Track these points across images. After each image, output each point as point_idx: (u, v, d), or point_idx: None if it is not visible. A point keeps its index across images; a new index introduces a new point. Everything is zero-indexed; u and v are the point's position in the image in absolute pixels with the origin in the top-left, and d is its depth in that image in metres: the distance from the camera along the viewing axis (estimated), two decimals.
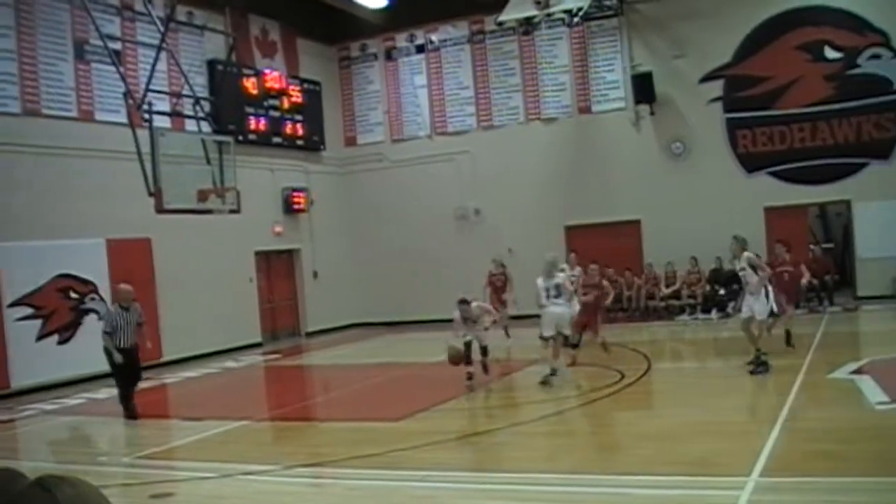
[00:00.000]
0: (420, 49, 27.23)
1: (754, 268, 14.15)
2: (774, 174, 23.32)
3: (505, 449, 10.60)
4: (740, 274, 14.38)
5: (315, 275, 26.21)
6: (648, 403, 13.45)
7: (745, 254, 14.34)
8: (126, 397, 13.84)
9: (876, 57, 22.61)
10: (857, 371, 13.07)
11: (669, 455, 9.23)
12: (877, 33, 22.54)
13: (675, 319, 22.39)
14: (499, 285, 20.71)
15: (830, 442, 9.25)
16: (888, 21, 22.47)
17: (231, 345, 22.48)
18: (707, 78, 23.85)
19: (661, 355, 16.43)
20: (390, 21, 26.13)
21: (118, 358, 13.49)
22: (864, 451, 8.77)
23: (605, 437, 10.81)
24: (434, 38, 26.98)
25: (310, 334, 25.76)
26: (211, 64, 22.72)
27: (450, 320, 15.03)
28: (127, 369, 13.68)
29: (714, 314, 22.37)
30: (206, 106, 17.60)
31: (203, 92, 21.35)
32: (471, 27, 26.56)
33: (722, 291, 22.62)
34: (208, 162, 16.36)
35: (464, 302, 14.69)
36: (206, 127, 16.98)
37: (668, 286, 23.40)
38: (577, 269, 18.05)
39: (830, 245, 23.54)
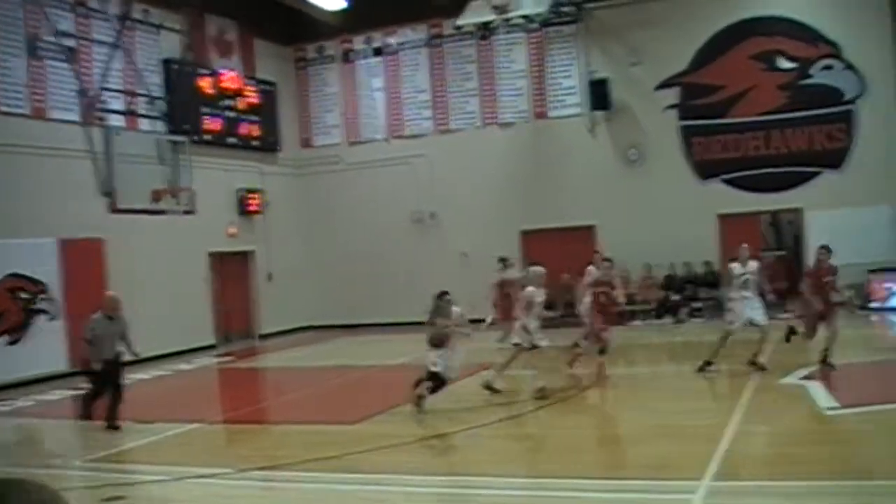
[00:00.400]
0: (377, 52, 27.17)
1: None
2: (728, 181, 23.56)
3: (461, 452, 10.58)
4: (747, 279, 14.43)
5: (270, 277, 26.04)
6: (604, 408, 13.50)
7: (752, 262, 14.54)
8: (91, 398, 13.33)
9: (828, 68, 22.92)
10: (808, 377, 13.21)
11: (624, 459, 9.30)
12: (829, 44, 22.86)
13: (629, 325, 22.48)
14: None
15: (782, 446, 9.39)
16: (840, 32, 22.79)
17: (184, 347, 22.25)
18: (663, 85, 24.05)
19: (616, 360, 16.47)
20: (348, 23, 26.04)
21: (96, 366, 12.95)
22: (814, 454, 8.89)
23: (561, 441, 10.82)
24: (392, 40, 26.94)
25: (264, 336, 25.58)
26: (167, 63, 22.51)
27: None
28: (105, 377, 13.04)
29: (668, 319, 22.52)
30: (161, 105, 17.51)
31: (158, 91, 21.19)
32: (429, 31, 26.56)
33: (676, 297, 22.81)
34: (163, 162, 16.25)
35: (444, 295, 13.57)
36: (160, 126, 16.86)
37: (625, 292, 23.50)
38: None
39: (783, 252, 23.73)
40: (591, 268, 16.57)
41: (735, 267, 14.57)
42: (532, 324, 13.60)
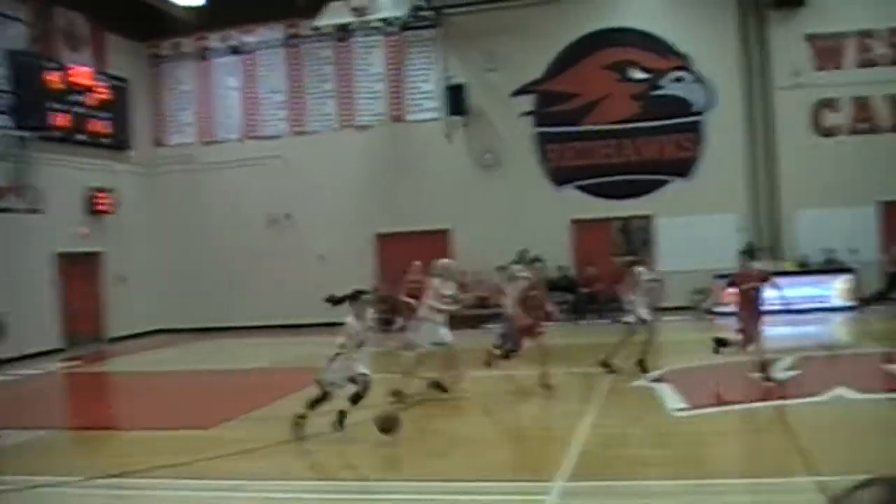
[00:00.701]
0: (234, 50, 26.77)
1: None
2: (581, 188, 24.10)
3: (314, 457, 10.47)
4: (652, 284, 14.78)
5: (120, 278, 25.30)
6: (458, 411, 13.54)
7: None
8: None
9: (679, 80, 23.69)
10: (658, 379, 13.58)
11: (476, 461, 9.33)
12: (680, 57, 23.64)
13: (482, 328, 22.62)
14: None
15: (632, 447, 9.60)
16: (691, 45, 23.60)
17: (28, 350, 21.40)
18: (519, 92, 24.44)
19: (471, 363, 16.56)
20: (204, 20, 25.53)
21: None
22: (663, 455, 9.15)
23: (416, 445, 10.81)
24: (249, 39, 26.56)
25: (114, 340, 24.84)
26: (12, 55, 21.61)
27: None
28: None
29: None
30: (6, 99, 16.81)
31: (3, 84, 20.36)
32: (286, 31, 26.30)
33: None
34: (7, 158, 15.62)
35: (360, 294, 11.21)
36: (5, 121, 16.19)
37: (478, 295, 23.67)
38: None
39: (634, 258, 24.28)
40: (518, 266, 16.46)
41: (642, 271, 14.85)
42: (438, 318, 13.33)
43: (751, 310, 12.81)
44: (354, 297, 10.97)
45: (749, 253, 14.87)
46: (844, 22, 23.57)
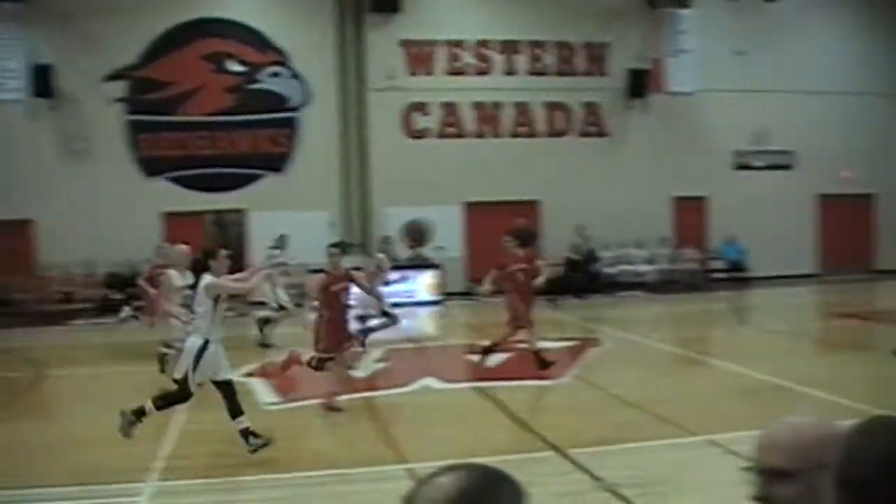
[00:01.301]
0: None
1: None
2: (174, 179, 23.44)
3: None
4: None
5: None
6: (39, 412, 12.66)
7: None
8: None
9: (276, 75, 23.71)
10: (249, 374, 13.38)
11: (62, 465, 8.75)
12: (277, 52, 23.66)
13: (68, 324, 21.46)
14: None
15: (223, 444, 9.44)
16: (289, 41, 23.71)
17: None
18: (112, 77, 23.34)
19: (58, 362, 15.63)
20: None
21: None
22: (240, 451, 9.05)
23: None
24: None
25: None
26: None
27: None
28: None
29: (110, 318, 21.79)
30: None
31: None
32: None
33: (118, 296, 22.16)
34: None
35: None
36: None
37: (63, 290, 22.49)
38: None
39: (229, 252, 23.98)
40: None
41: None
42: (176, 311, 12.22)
43: (339, 311, 11.52)
44: None
45: (343, 248, 14.39)
46: (436, 30, 24.66)
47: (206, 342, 8.88)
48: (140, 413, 8.88)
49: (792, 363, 13.59)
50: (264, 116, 23.51)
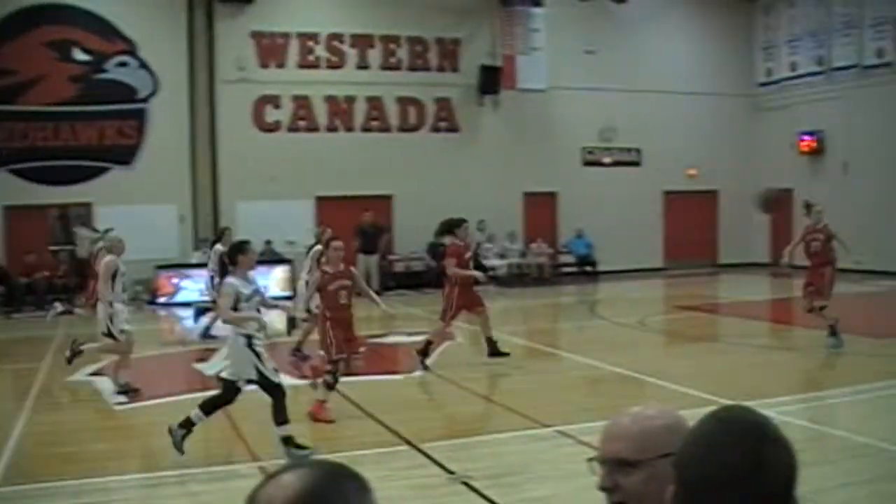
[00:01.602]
0: None
1: None
2: (16, 172, 22.66)
3: None
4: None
5: None
6: None
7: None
8: None
9: (123, 65, 23.21)
10: (96, 373, 13.09)
11: None
12: (125, 41, 23.15)
13: None
14: None
15: (70, 444, 9.31)
16: (137, 31, 23.22)
17: None
18: None
19: None
20: None
21: None
22: (104, 450, 9.08)
23: None
24: None
25: None
26: None
27: None
28: None
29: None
30: None
31: None
32: None
33: None
34: None
35: None
36: None
37: None
38: None
39: (73, 247, 23.31)
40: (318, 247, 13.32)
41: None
42: (118, 304, 11.63)
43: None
44: None
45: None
46: (289, 23, 24.53)
47: (249, 338, 8.62)
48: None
49: (639, 354, 14.10)
50: (111, 107, 22.95)
